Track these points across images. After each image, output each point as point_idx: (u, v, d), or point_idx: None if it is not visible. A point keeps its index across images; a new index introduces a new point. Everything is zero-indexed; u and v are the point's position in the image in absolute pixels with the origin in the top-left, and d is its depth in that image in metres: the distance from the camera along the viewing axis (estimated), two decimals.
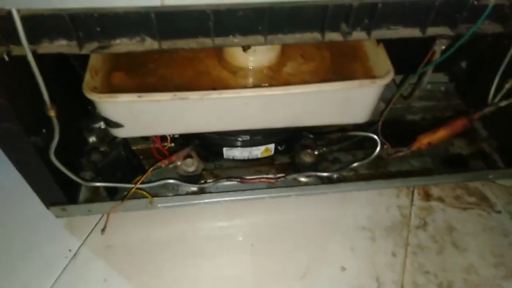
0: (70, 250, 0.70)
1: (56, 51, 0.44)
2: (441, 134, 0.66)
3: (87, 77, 0.52)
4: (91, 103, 0.83)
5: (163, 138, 0.74)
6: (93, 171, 0.75)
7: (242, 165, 0.80)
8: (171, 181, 0.72)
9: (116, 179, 0.72)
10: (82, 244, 0.70)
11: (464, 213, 0.79)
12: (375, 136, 0.68)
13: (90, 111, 0.84)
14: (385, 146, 0.69)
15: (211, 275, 0.68)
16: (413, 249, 0.73)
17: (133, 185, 0.65)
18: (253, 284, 0.67)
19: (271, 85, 0.59)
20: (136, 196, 0.70)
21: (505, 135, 0.83)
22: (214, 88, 0.58)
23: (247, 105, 0.53)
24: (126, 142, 0.76)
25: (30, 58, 0.43)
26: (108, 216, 0.66)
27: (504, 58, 0.61)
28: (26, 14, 0.40)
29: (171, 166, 0.69)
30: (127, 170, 0.74)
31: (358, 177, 0.79)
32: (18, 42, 0.42)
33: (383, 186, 0.80)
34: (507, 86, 0.63)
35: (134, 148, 0.79)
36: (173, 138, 0.75)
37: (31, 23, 0.41)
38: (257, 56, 0.58)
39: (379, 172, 0.81)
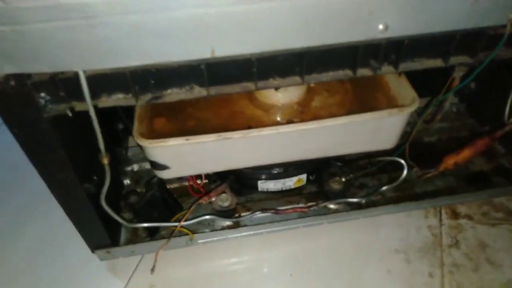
0: None
1: (114, 104, 0.48)
2: (465, 154, 0.69)
3: (136, 124, 0.56)
4: (125, 147, 0.88)
5: (198, 176, 0.78)
6: (131, 213, 0.78)
7: (272, 197, 0.82)
8: (208, 217, 0.74)
9: (154, 219, 0.74)
10: (126, 285, 0.72)
11: (493, 229, 0.80)
12: (402, 161, 0.71)
13: (123, 156, 0.88)
14: (414, 169, 0.72)
15: None
16: (449, 268, 0.74)
17: (177, 224, 0.68)
18: None
19: (301, 119, 0.63)
20: (175, 234, 0.73)
21: None
22: (249, 127, 0.62)
23: (284, 140, 0.56)
24: (162, 182, 0.79)
25: (92, 112, 0.47)
26: (156, 255, 0.67)
27: None
28: (91, 74, 0.44)
29: (206, 202, 0.72)
30: (164, 209, 0.77)
31: (386, 201, 0.81)
32: (81, 99, 0.46)
33: (411, 208, 0.82)
34: None
35: (168, 187, 0.82)
36: (207, 175, 0.78)
37: (94, 81, 0.45)
38: (287, 93, 0.62)
39: (405, 194, 0.83)
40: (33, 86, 0.43)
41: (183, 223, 0.71)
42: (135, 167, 0.87)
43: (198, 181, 0.77)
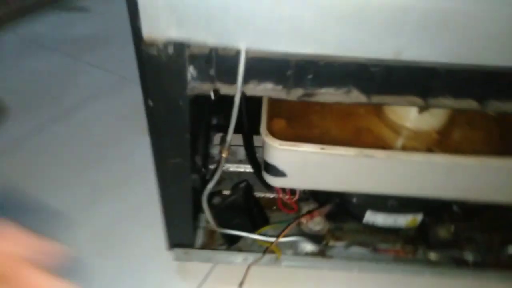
0: None
1: (260, 94, 0.43)
2: None
3: (265, 121, 0.50)
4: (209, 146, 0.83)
5: (291, 190, 0.71)
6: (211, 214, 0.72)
7: (364, 230, 0.74)
8: (296, 238, 0.67)
9: (233, 226, 0.68)
10: None
11: None
12: None
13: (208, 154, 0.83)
14: None
15: None
16: None
17: (272, 239, 0.61)
18: None
19: (441, 150, 0.54)
20: (253, 248, 0.66)
21: None
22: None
23: (431, 170, 0.48)
24: (250, 188, 0.73)
25: (238, 98, 0.41)
26: (247, 270, 0.61)
27: None
28: (251, 55, 0.39)
29: (306, 222, 0.64)
30: (246, 218, 0.71)
31: (498, 263, 0.70)
32: (229, 82, 0.41)
33: None
34: None
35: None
36: (302, 191, 0.71)
37: (249, 64, 0.39)
38: (429, 118, 0.54)
39: None
40: (189, 58, 0.39)
41: (267, 239, 0.64)
42: (220, 165, 0.82)
43: (292, 197, 0.70)
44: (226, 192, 0.76)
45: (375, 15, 0.35)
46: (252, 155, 0.70)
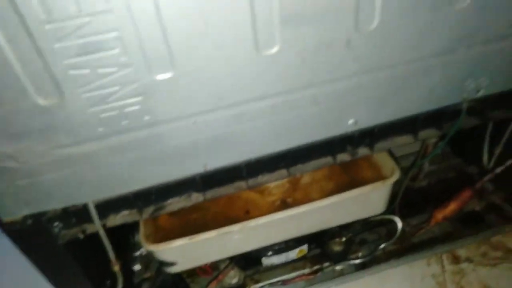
0: None
1: (120, 222, 0.52)
2: (452, 207, 0.73)
3: (143, 229, 0.60)
4: (131, 233, 0.91)
5: None
6: None
7: (278, 265, 0.85)
8: None
9: None
10: None
11: (495, 270, 0.82)
12: (395, 218, 0.75)
13: (130, 241, 0.91)
14: (407, 229, 0.75)
15: None
16: None
17: None
18: None
19: (294, 198, 0.67)
20: None
21: (510, 186, 0.90)
22: (247, 211, 0.66)
23: (281, 223, 0.60)
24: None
25: (101, 232, 0.51)
26: None
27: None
28: (99, 201, 0.49)
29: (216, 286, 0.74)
30: None
31: (388, 255, 0.84)
32: (91, 222, 0.51)
33: (413, 259, 0.84)
34: (496, 152, 0.71)
35: None
36: None
37: (101, 205, 0.49)
38: None
39: (404, 246, 0.86)
40: (48, 220, 0.48)
41: None
42: (144, 251, 0.90)
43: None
44: None
45: (177, 153, 0.46)
46: None
